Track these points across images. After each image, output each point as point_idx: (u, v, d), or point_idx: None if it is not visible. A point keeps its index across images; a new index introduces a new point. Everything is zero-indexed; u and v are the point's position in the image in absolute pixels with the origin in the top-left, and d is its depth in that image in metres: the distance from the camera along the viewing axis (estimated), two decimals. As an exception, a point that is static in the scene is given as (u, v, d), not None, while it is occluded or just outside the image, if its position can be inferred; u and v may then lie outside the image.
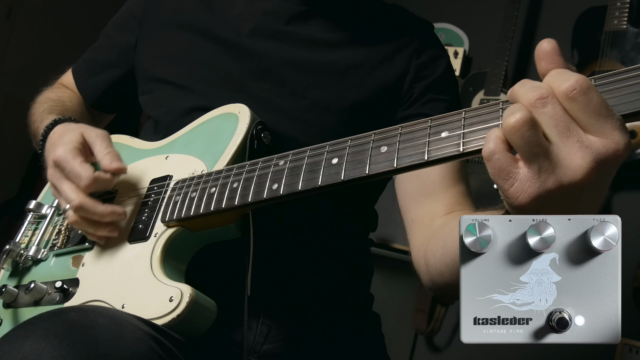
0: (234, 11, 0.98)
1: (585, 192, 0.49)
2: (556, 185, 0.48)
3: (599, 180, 0.48)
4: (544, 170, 0.48)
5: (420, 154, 0.58)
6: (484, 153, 0.50)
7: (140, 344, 0.64)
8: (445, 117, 0.58)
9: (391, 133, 0.62)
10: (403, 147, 0.60)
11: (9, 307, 0.88)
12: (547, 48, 0.51)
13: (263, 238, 0.80)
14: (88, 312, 0.65)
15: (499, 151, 0.49)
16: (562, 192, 0.48)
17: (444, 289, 0.80)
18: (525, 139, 0.47)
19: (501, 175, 0.49)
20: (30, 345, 0.58)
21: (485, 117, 0.55)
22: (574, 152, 0.47)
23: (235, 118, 0.85)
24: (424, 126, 0.60)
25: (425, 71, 0.95)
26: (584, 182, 0.47)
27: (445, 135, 0.57)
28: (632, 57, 1.82)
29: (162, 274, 0.75)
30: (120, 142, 1.02)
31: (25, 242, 0.95)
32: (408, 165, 0.59)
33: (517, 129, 0.47)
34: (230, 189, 0.75)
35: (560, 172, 0.48)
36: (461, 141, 0.55)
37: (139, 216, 0.84)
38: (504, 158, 0.49)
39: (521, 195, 0.49)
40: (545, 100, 0.47)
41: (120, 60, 1.07)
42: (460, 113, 0.57)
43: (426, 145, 0.58)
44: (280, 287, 0.89)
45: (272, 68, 0.93)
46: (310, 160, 0.69)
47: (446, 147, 0.56)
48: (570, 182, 0.48)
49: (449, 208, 0.87)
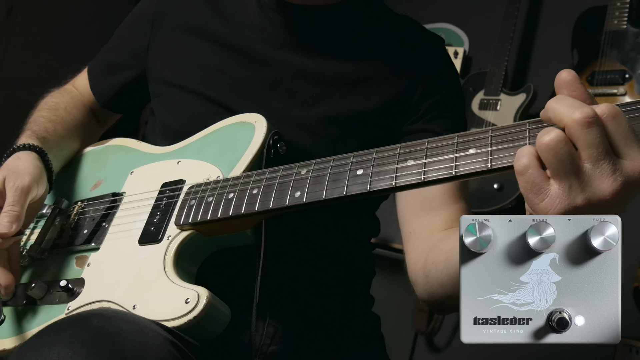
0: (245, 19, 0.98)
1: (608, 211, 0.51)
2: (584, 203, 0.50)
3: (622, 200, 0.51)
4: (574, 188, 0.50)
5: (448, 169, 0.61)
6: (517, 167, 0.52)
7: (163, 351, 0.64)
8: (472, 134, 0.61)
9: (417, 147, 0.65)
10: (430, 161, 0.63)
11: (7, 306, 0.87)
12: (568, 78, 0.54)
13: (271, 243, 0.80)
14: (110, 318, 0.65)
15: (533, 166, 0.51)
16: (588, 210, 0.50)
17: (443, 300, 0.80)
18: (558, 157, 0.50)
19: (533, 189, 0.51)
20: (57, 354, 0.57)
21: (512, 137, 0.58)
22: (605, 174, 0.50)
23: (252, 127, 0.85)
24: (450, 142, 0.62)
25: (434, 88, 0.95)
26: (611, 202, 0.50)
27: (473, 152, 0.60)
28: (632, 57, 1.83)
29: (176, 276, 0.75)
30: (126, 145, 1.02)
31: (24, 241, 0.95)
32: (436, 179, 0.61)
33: (551, 147, 0.49)
34: (249, 195, 0.75)
35: (589, 192, 0.50)
36: (489, 158, 0.58)
37: (150, 218, 0.84)
38: (537, 173, 0.51)
39: (551, 211, 0.51)
40: (592, 121, 0.49)
41: (133, 62, 1.07)
42: (487, 131, 0.60)
43: (454, 160, 0.60)
44: (286, 290, 0.90)
45: (282, 78, 0.93)
46: (334, 170, 0.70)
47: (474, 163, 0.59)
48: (599, 201, 0.50)
49: (448, 224, 0.88)
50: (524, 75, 2.29)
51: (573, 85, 0.54)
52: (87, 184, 1.00)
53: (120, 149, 1.02)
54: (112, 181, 0.97)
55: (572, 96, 0.53)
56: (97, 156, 1.05)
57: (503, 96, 2.06)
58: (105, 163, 1.02)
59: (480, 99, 2.11)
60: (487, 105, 2.08)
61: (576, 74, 0.54)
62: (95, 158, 1.05)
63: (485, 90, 2.11)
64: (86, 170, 1.03)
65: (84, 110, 1.11)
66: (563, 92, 0.54)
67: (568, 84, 0.54)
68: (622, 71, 1.83)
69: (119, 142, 1.04)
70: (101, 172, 1.00)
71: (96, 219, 0.90)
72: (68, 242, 0.90)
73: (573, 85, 0.53)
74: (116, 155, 1.02)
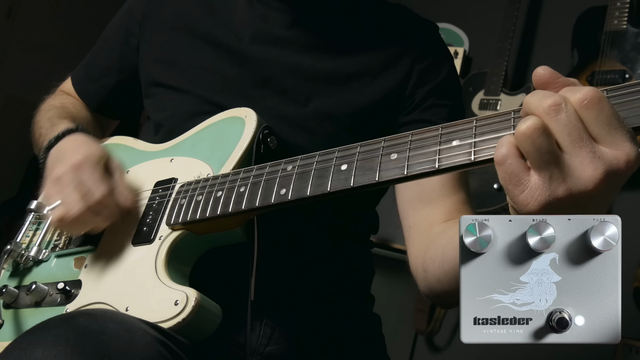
0: (235, 16, 0.97)
1: (593, 202, 0.49)
2: (566, 193, 0.48)
3: (607, 191, 0.49)
4: (555, 178, 0.48)
5: (431, 162, 0.58)
6: (496, 157, 0.50)
7: (150, 349, 0.64)
8: (456, 125, 0.59)
9: (401, 140, 0.63)
10: (413, 154, 0.60)
11: (10, 308, 0.88)
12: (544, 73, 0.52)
13: (266, 241, 0.79)
14: (97, 317, 0.65)
15: (512, 156, 0.49)
16: (571, 201, 0.49)
17: (442, 296, 0.80)
18: (536, 146, 0.47)
19: (512, 180, 0.49)
20: (42, 352, 0.57)
21: (497, 127, 0.55)
22: (586, 162, 0.47)
23: (242, 122, 0.84)
24: (434, 134, 0.60)
25: (428, 76, 0.94)
26: (594, 192, 0.48)
27: (457, 144, 0.57)
28: (632, 57, 1.83)
29: (167, 277, 0.75)
30: (123, 143, 1.02)
31: (26, 243, 0.95)
32: (419, 173, 0.59)
33: (528, 136, 0.47)
34: (237, 193, 0.74)
35: (570, 181, 0.48)
36: (472, 150, 0.56)
37: (143, 218, 0.84)
38: (516, 163, 0.49)
39: (531, 203, 0.49)
40: (559, 107, 0.48)
41: (122, 64, 1.05)
42: (472, 121, 0.57)
43: (437, 153, 0.58)
44: (283, 289, 0.89)
45: (273, 75, 0.92)
46: (319, 165, 0.69)
47: (457, 156, 0.57)
48: (581, 192, 0.48)
49: (448, 216, 0.87)
50: (524, 75, 2.29)
51: (554, 79, 0.51)
52: (86, 184, 0.99)
53: (117, 148, 1.02)
54: None
55: (556, 91, 0.51)
56: None
57: (503, 96, 2.06)
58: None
59: (480, 99, 2.11)
60: (487, 105, 2.08)
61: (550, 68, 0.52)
62: None
63: (485, 90, 2.11)
64: (85, 170, 1.03)
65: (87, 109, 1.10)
66: (549, 89, 0.51)
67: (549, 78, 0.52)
68: (622, 71, 1.83)
69: (116, 141, 1.04)
70: None
71: None
72: (67, 243, 0.91)
73: (555, 79, 0.51)
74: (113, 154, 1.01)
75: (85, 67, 1.11)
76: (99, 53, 1.09)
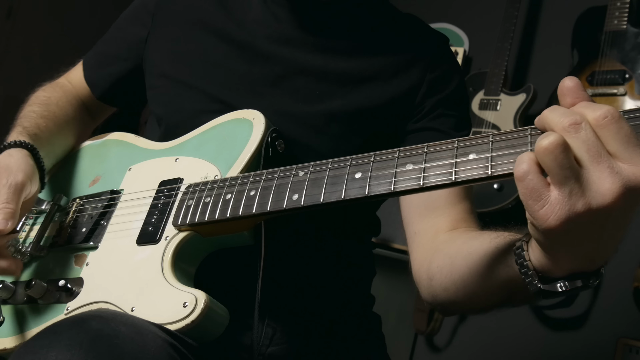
0: (249, 14, 0.97)
1: (611, 219, 0.50)
2: (585, 208, 0.49)
3: (625, 208, 0.50)
4: (574, 193, 0.49)
5: (447, 174, 0.59)
6: (516, 173, 0.51)
7: (161, 352, 0.64)
8: (472, 139, 0.60)
9: (417, 151, 0.63)
10: (429, 166, 0.61)
11: (6, 304, 0.87)
12: (571, 85, 0.53)
13: (269, 243, 0.79)
14: (109, 320, 0.65)
15: (532, 172, 0.50)
16: (590, 217, 0.50)
17: (446, 304, 0.80)
18: (557, 162, 0.49)
19: (532, 196, 0.50)
20: (55, 356, 0.57)
21: (514, 142, 0.57)
22: (604, 176, 0.49)
23: (249, 124, 0.84)
24: (450, 147, 0.61)
25: (438, 86, 0.95)
26: (612, 208, 0.49)
27: (473, 157, 0.58)
28: (632, 57, 1.82)
29: (174, 278, 0.74)
30: (125, 140, 1.01)
31: (23, 237, 0.95)
32: (436, 185, 0.60)
33: (550, 151, 0.49)
34: (247, 197, 0.74)
35: (589, 196, 0.49)
36: (489, 164, 0.57)
37: (148, 218, 0.83)
38: (537, 179, 0.50)
39: (551, 217, 0.50)
40: (578, 126, 0.49)
41: (130, 54, 1.05)
42: (488, 136, 0.59)
43: (453, 165, 0.59)
44: (285, 291, 0.89)
45: (285, 75, 0.92)
46: (332, 172, 0.69)
47: (474, 169, 0.58)
48: (599, 207, 0.49)
49: (454, 224, 0.87)
50: (524, 75, 2.29)
51: (576, 92, 0.53)
52: (86, 180, 0.99)
53: (118, 144, 1.01)
54: (110, 177, 0.96)
55: (575, 103, 0.53)
56: (95, 151, 1.03)
57: (503, 96, 2.06)
58: (104, 158, 1.00)
59: (480, 99, 2.10)
60: (487, 105, 2.08)
61: (579, 81, 0.54)
62: (93, 153, 1.03)
63: (485, 90, 2.11)
64: (84, 165, 1.02)
65: (77, 105, 1.10)
66: (566, 100, 0.53)
67: (571, 91, 0.53)
68: (622, 71, 1.82)
69: (117, 137, 1.03)
70: (99, 167, 0.99)
71: (94, 217, 0.89)
72: (67, 240, 0.90)
73: (576, 93, 0.53)
74: (114, 150, 1.00)
75: (96, 55, 1.11)
76: (109, 41, 1.10)
